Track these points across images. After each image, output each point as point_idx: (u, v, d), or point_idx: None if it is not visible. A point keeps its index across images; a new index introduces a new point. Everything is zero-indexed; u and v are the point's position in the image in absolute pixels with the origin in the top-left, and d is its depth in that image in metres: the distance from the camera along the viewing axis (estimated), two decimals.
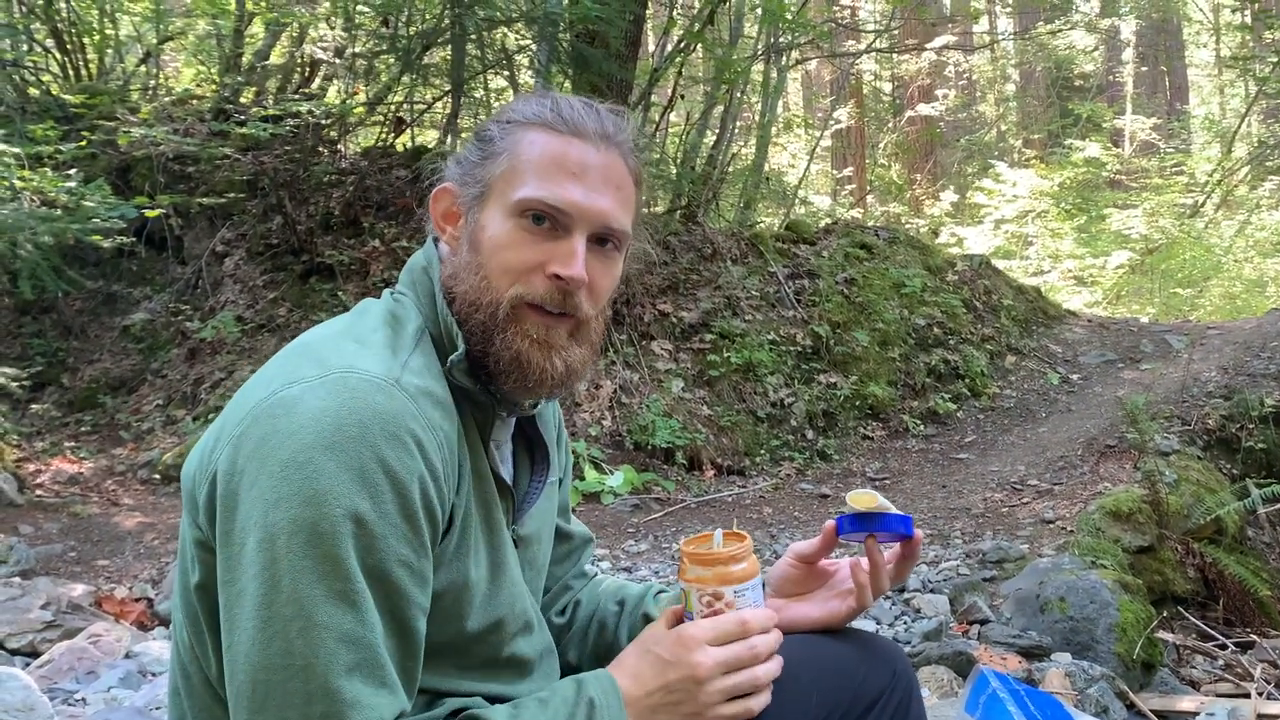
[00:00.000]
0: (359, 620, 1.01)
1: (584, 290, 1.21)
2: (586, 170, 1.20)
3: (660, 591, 1.54)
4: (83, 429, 6.37)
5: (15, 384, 5.96)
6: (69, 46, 8.09)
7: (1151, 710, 3.03)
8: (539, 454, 1.40)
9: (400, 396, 1.07)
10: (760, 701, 1.19)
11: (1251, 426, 5.78)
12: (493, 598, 1.23)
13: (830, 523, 1.35)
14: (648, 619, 1.48)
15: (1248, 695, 3.20)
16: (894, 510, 1.31)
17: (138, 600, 3.95)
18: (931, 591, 3.96)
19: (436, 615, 1.15)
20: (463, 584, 1.17)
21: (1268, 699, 3.17)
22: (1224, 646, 3.93)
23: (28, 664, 3.11)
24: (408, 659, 1.08)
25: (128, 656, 3.17)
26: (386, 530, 1.03)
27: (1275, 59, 11.83)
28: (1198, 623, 4.14)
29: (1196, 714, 3.00)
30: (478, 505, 1.22)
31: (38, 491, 5.46)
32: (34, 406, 6.45)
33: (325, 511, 1.00)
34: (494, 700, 1.23)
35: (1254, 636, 4.08)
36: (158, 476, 5.67)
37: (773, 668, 1.20)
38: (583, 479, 5.74)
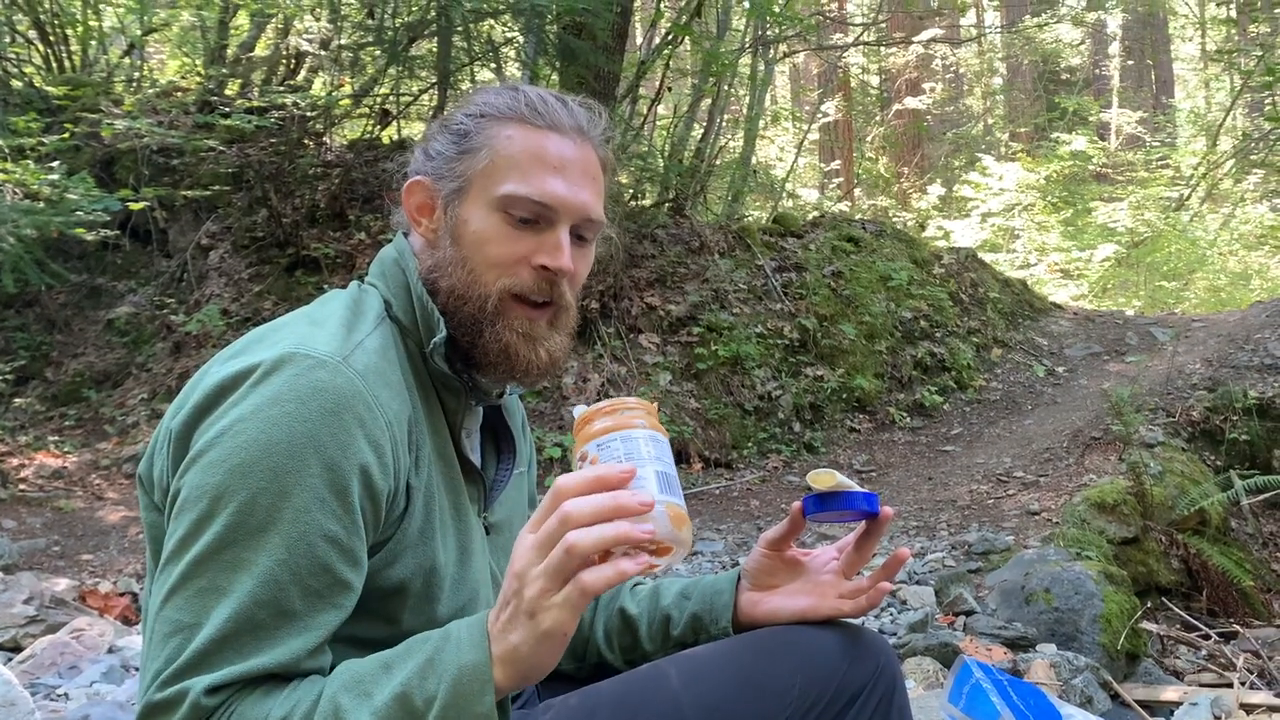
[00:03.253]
0: (278, 589, 1.02)
1: (566, 279, 1.25)
2: (566, 165, 1.24)
3: (637, 584, 1.53)
4: (66, 423, 6.33)
5: None
6: (52, 38, 8.02)
7: (1135, 700, 3.04)
8: (505, 443, 1.43)
9: (346, 373, 1.09)
10: (594, 577, 0.93)
11: (1235, 418, 5.81)
12: (461, 582, 1.24)
13: (796, 504, 1.35)
14: (624, 613, 1.48)
15: (1231, 685, 3.21)
16: (856, 488, 1.31)
17: (121, 595, 3.93)
18: (917, 583, 3.97)
19: (410, 602, 1.18)
20: (431, 568, 1.19)
21: (1250, 689, 3.19)
22: (1207, 637, 3.95)
23: (10, 659, 3.09)
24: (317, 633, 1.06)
25: (111, 651, 3.15)
26: (311, 504, 1.04)
27: (1260, 53, 11.87)
28: (1182, 613, 4.16)
29: (1180, 704, 3.01)
30: (445, 490, 1.24)
31: (21, 486, 5.43)
32: (17, 400, 6.41)
33: (251, 483, 1.02)
34: None
35: (1237, 627, 4.10)
36: None
37: (592, 535, 0.93)
38: (570, 471, 5.73)
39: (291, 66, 8.70)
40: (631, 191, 8.08)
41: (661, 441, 1.04)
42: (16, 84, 7.63)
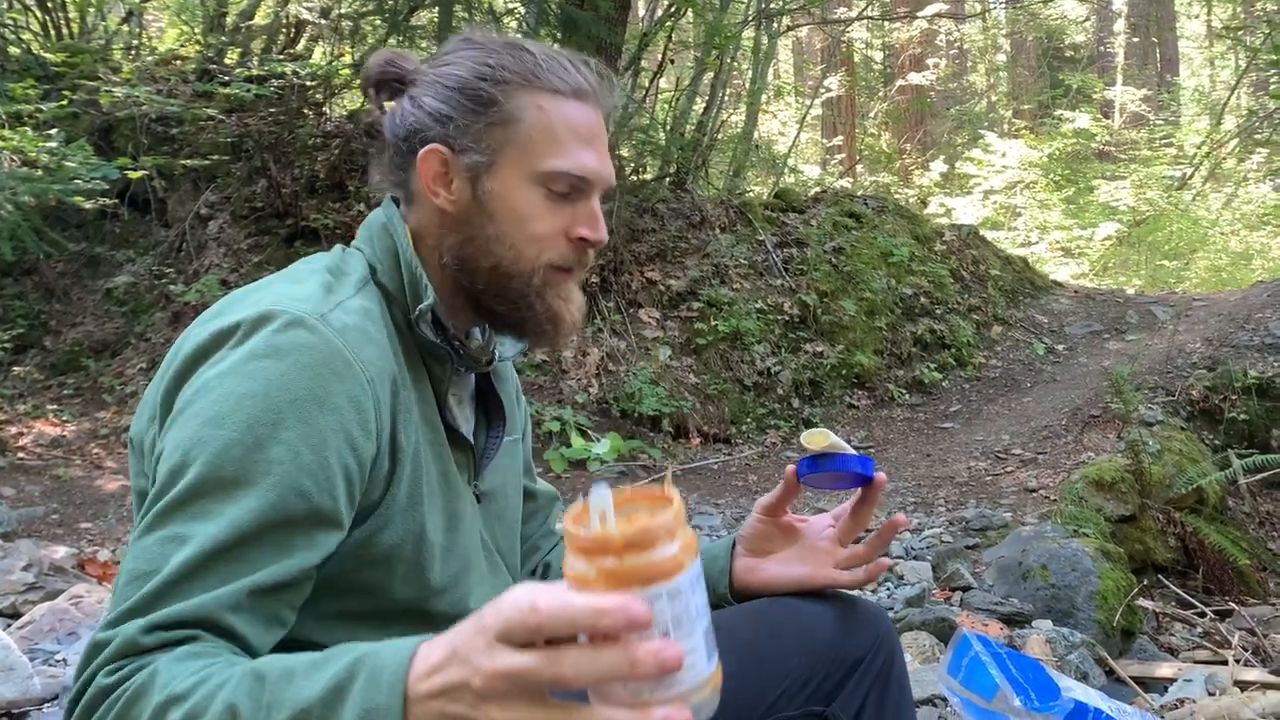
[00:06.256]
0: (241, 538, 0.99)
1: None
2: (594, 136, 1.25)
3: None
4: (65, 392, 6.33)
5: None
6: (50, 4, 7.94)
7: (1130, 676, 3.05)
8: (495, 410, 1.41)
9: (323, 330, 1.08)
10: None
11: (1234, 398, 5.81)
12: (450, 551, 1.23)
13: (790, 468, 1.34)
14: None
15: (1225, 662, 3.23)
16: (850, 450, 1.30)
17: (120, 563, 3.94)
18: (914, 558, 3.98)
19: (402, 570, 1.16)
20: (420, 533, 1.17)
21: (1245, 666, 3.20)
22: (1203, 614, 3.97)
23: (8, 625, 3.10)
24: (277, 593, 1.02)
25: None
26: (285, 457, 1.02)
27: (1267, 30, 11.80)
28: (1177, 591, 4.18)
29: (1175, 680, 3.02)
30: (432, 457, 1.22)
31: (19, 454, 5.43)
32: (15, 369, 6.40)
33: (224, 435, 1.01)
34: None
35: (1232, 605, 4.12)
36: None
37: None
38: (569, 446, 5.74)
39: (291, 35, 8.62)
40: (633, 165, 8.04)
41: (699, 573, 0.74)
42: (14, 50, 7.57)
